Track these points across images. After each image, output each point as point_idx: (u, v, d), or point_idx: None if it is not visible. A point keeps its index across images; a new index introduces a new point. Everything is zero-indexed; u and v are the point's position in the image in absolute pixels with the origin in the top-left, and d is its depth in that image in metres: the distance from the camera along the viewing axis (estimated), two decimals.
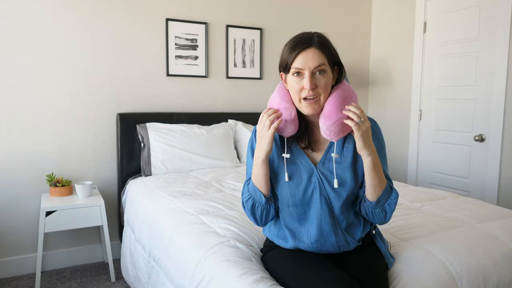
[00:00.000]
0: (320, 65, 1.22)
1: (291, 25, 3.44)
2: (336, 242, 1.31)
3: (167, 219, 1.88)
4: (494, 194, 2.81)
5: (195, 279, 1.44)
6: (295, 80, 1.24)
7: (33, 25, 2.59)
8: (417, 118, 3.37)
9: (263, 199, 1.31)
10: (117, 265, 2.76)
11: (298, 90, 1.24)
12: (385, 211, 1.28)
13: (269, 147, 1.25)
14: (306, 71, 1.22)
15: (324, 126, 1.24)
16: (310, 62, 1.22)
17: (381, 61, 3.73)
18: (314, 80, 1.22)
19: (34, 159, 2.66)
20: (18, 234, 2.66)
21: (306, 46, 1.23)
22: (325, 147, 1.34)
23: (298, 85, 1.24)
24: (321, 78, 1.23)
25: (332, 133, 1.24)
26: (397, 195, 1.30)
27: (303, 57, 1.22)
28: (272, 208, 1.34)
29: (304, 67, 1.22)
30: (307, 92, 1.22)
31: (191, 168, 2.78)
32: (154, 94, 2.99)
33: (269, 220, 1.38)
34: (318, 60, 1.22)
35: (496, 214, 1.88)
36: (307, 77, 1.22)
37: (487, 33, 2.83)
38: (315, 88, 1.22)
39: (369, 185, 1.26)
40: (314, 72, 1.22)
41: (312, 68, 1.22)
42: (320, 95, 1.24)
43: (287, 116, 1.26)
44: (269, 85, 3.41)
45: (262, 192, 1.31)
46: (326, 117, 1.23)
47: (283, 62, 1.27)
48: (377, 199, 1.26)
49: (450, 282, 1.34)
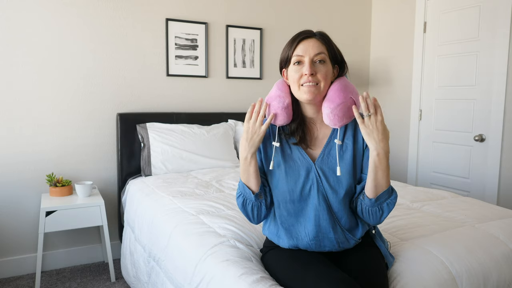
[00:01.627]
0: (320, 53, 1.26)
1: (291, 25, 3.44)
2: (335, 239, 1.31)
3: (167, 219, 1.88)
4: (494, 194, 2.81)
5: (195, 279, 1.44)
6: (295, 69, 1.28)
7: (33, 25, 2.59)
8: (417, 118, 3.37)
9: (252, 196, 1.31)
10: (117, 265, 2.76)
11: (298, 78, 1.27)
12: (382, 210, 1.27)
13: (260, 143, 1.28)
14: (306, 58, 1.26)
15: (328, 109, 1.25)
16: (310, 50, 1.26)
17: (381, 61, 3.73)
18: (314, 67, 1.26)
19: (34, 159, 2.66)
20: (18, 234, 2.66)
21: (307, 36, 1.28)
22: (324, 143, 1.34)
23: (298, 73, 1.27)
24: (320, 67, 1.26)
25: (336, 117, 1.25)
26: (397, 196, 1.30)
27: (303, 45, 1.27)
28: (263, 205, 1.34)
29: (304, 53, 1.26)
30: (306, 78, 1.25)
31: (191, 168, 2.78)
32: (154, 94, 2.99)
33: (262, 217, 1.37)
34: (318, 49, 1.26)
35: (496, 214, 1.88)
36: (307, 63, 1.25)
37: (487, 33, 2.83)
38: (314, 74, 1.25)
39: (371, 181, 1.24)
40: (314, 60, 1.26)
41: (312, 55, 1.25)
42: (320, 82, 1.26)
43: (280, 103, 1.29)
44: (269, 85, 3.41)
45: (252, 189, 1.32)
46: (330, 101, 1.26)
47: (284, 55, 1.31)
48: (377, 196, 1.25)
49: (450, 282, 1.34)
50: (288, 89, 1.34)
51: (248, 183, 1.32)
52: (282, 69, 1.36)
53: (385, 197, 1.26)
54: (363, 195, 1.28)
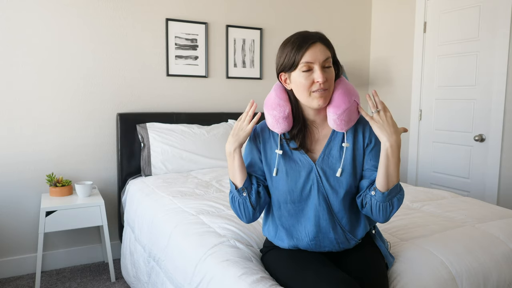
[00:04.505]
0: (328, 59, 1.26)
1: (291, 25, 3.44)
2: (336, 239, 1.31)
3: (167, 219, 1.88)
4: (494, 194, 2.81)
5: (195, 279, 1.44)
6: (304, 76, 1.25)
7: (33, 25, 2.59)
8: (417, 118, 3.37)
9: (236, 191, 1.33)
10: (117, 265, 2.76)
11: (308, 85, 1.25)
12: (393, 206, 1.26)
13: (244, 140, 1.34)
14: (316, 65, 1.24)
15: (334, 115, 1.26)
16: (319, 55, 1.24)
17: (381, 61, 3.73)
18: (325, 73, 1.25)
19: (34, 159, 2.66)
20: (18, 234, 2.66)
21: (314, 41, 1.26)
22: (324, 144, 1.34)
23: (308, 80, 1.24)
24: (329, 71, 1.26)
25: (343, 122, 1.27)
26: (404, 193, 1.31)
27: (312, 51, 1.24)
28: (248, 202, 1.33)
29: (314, 60, 1.24)
30: (318, 86, 1.24)
31: (191, 168, 2.78)
32: (154, 94, 2.99)
33: (251, 215, 1.36)
34: (325, 54, 1.25)
35: (496, 214, 1.88)
36: (318, 70, 1.23)
37: (487, 33, 2.83)
38: (325, 81, 1.24)
39: (382, 174, 1.24)
40: (323, 65, 1.25)
41: (322, 61, 1.24)
42: (330, 87, 1.27)
43: (281, 113, 1.29)
44: (269, 85, 3.41)
45: (236, 184, 1.34)
46: (336, 106, 1.26)
47: (289, 60, 1.26)
48: (389, 190, 1.24)
49: (450, 282, 1.34)
50: (287, 96, 1.32)
51: (233, 179, 1.35)
52: (280, 72, 1.32)
53: (396, 191, 1.26)
54: (375, 190, 1.26)
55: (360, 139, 1.32)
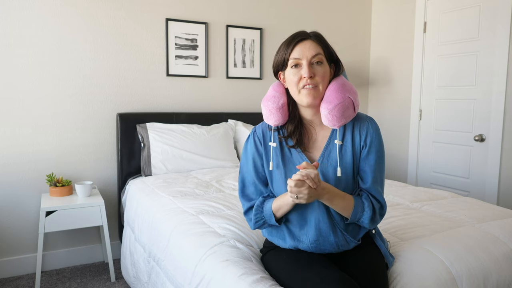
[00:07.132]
0: (317, 55, 1.26)
1: (291, 25, 3.44)
2: (336, 242, 1.31)
3: (167, 219, 1.88)
4: (494, 194, 2.81)
5: (195, 279, 1.44)
6: (293, 72, 1.27)
7: (33, 24, 2.59)
8: (417, 118, 3.37)
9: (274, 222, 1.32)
10: (117, 265, 2.76)
11: (297, 81, 1.27)
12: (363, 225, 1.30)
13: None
14: (303, 61, 1.25)
15: (326, 110, 1.26)
16: (307, 52, 1.26)
17: (381, 61, 3.73)
18: (312, 69, 1.25)
19: (34, 159, 2.66)
20: (18, 234, 2.66)
21: (303, 38, 1.28)
22: (323, 146, 1.34)
23: (296, 76, 1.26)
24: (318, 68, 1.27)
25: (335, 118, 1.25)
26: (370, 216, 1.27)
27: (300, 48, 1.27)
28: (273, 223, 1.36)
29: (302, 56, 1.26)
30: (305, 81, 1.24)
31: (191, 168, 2.78)
32: (154, 94, 2.99)
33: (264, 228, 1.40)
34: (315, 50, 1.26)
35: (496, 214, 1.88)
36: (305, 66, 1.25)
37: (487, 33, 2.83)
38: (313, 77, 1.25)
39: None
40: (311, 62, 1.26)
41: (310, 57, 1.25)
42: (319, 84, 1.26)
43: (274, 104, 1.31)
44: (269, 85, 3.40)
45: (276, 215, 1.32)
46: (328, 101, 1.26)
47: (281, 58, 1.31)
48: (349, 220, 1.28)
49: (450, 282, 1.34)
50: (284, 89, 1.34)
51: (277, 213, 1.31)
52: (277, 72, 1.36)
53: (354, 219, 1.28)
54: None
55: (357, 140, 1.32)
